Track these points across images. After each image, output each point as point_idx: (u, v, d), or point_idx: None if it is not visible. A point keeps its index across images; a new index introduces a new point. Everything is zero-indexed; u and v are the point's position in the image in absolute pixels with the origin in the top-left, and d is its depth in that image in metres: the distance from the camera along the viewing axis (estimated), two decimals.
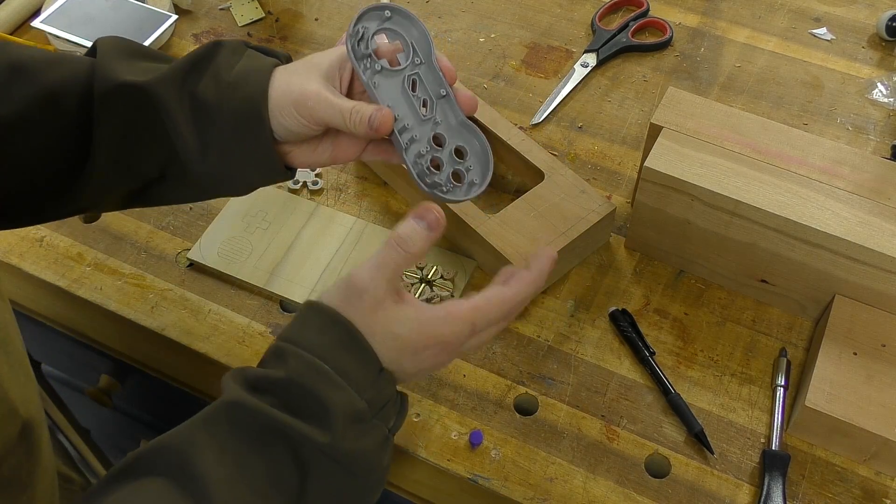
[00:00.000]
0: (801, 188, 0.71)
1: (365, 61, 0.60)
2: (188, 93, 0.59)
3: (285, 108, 0.58)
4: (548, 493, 0.67)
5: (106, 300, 0.79)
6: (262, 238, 0.81)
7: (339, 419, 0.50)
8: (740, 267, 0.76)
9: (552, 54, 0.98)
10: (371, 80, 0.60)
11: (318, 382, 0.51)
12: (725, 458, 0.68)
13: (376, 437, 0.53)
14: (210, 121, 0.59)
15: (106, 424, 1.14)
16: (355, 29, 0.60)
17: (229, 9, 1.04)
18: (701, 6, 1.03)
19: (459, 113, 0.61)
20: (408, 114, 0.61)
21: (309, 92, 0.58)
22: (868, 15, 1.01)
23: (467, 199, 0.61)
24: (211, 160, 0.60)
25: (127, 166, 0.61)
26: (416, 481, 0.74)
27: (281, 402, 0.51)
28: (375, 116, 0.57)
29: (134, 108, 0.59)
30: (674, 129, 0.75)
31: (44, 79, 0.59)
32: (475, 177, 0.62)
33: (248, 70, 0.60)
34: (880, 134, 0.89)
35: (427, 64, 0.61)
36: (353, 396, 0.51)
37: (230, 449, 0.49)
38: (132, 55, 0.62)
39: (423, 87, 0.61)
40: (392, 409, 0.54)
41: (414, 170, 0.61)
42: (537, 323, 0.76)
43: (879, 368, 0.68)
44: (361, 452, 0.51)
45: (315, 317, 0.54)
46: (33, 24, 0.97)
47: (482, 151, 0.62)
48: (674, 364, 0.74)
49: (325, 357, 0.51)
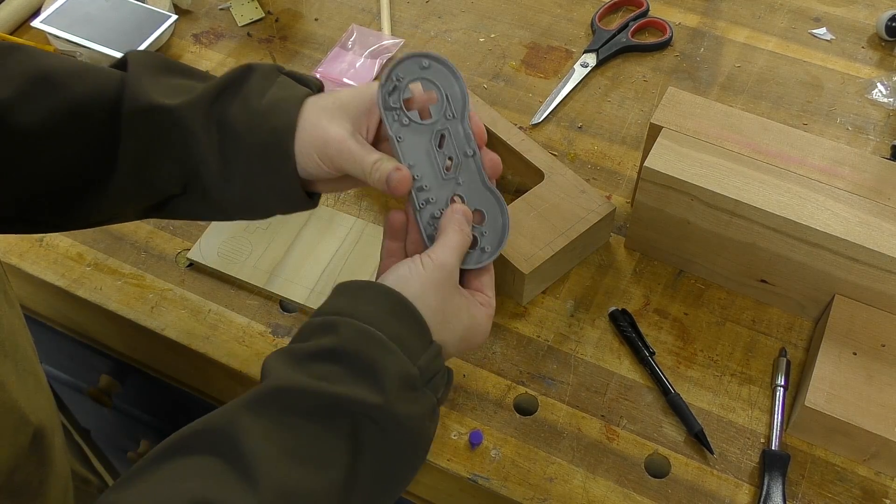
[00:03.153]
0: (801, 188, 0.71)
1: (394, 112, 0.58)
2: (216, 118, 0.59)
3: (308, 151, 0.58)
4: (548, 493, 0.67)
5: (106, 300, 0.79)
6: (262, 238, 0.81)
7: (394, 382, 0.50)
8: (740, 267, 0.76)
9: (552, 54, 0.98)
10: (397, 134, 0.58)
11: (371, 348, 0.51)
12: (725, 458, 0.68)
13: (426, 404, 0.53)
14: (236, 148, 0.59)
15: (106, 424, 1.14)
16: (389, 78, 0.57)
17: (229, 9, 1.04)
18: (701, 6, 1.03)
19: (483, 175, 0.59)
20: (429, 174, 0.59)
21: (333, 137, 0.57)
22: (868, 15, 1.01)
23: (476, 267, 0.59)
24: (233, 187, 0.60)
25: (148, 183, 0.61)
26: (415, 481, 0.74)
27: (333, 371, 0.51)
28: (393, 177, 0.57)
29: (161, 129, 0.59)
30: (674, 129, 0.75)
31: (71, 91, 0.58)
32: (488, 244, 0.59)
33: (278, 99, 0.58)
34: (880, 134, 0.89)
35: (459, 120, 0.59)
36: (406, 362, 0.51)
37: (280, 429, 0.49)
38: (163, 71, 0.61)
39: (450, 144, 0.59)
40: (441, 381, 0.55)
41: (425, 232, 0.59)
42: (537, 323, 0.76)
43: (879, 368, 0.68)
44: (414, 417, 0.51)
45: (365, 291, 0.54)
46: (33, 24, 0.97)
47: (500, 218, 0.60)
48: (674, 364, 0.74)
49: (379, 325, 0.52)
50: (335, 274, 0.79)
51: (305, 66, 0.97)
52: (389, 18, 1.02)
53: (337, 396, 0.49)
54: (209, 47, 1.00)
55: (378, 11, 1.03)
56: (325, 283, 0.78)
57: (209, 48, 1.00)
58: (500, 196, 0.59)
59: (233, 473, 0.46)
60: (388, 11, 1.03)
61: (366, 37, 0.99)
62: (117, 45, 0.95)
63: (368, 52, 0.98)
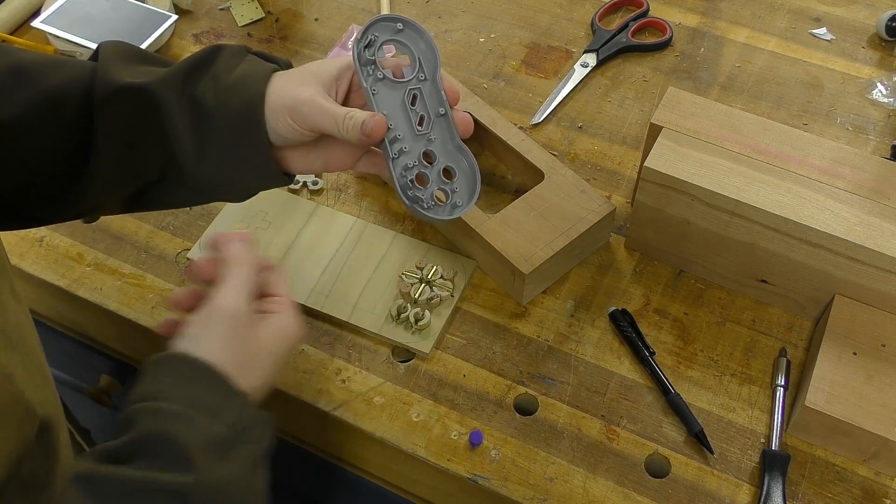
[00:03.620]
0: (801, 188, 0.71)
1: (368, 67, 0.60)
2: (188, 95, 0.60)
3: (279, 114, 0.58)
4: (548, 493, 0.67)
5: (106, 300, 0.79)
6: (262, 238, 0.81)
7: (199, 452, 0.48)
8: (740, 267, 0.76)
9: (552, 54, 0.98)
10: (371, 87, 0.60)
11: (167, 425, 0.49)
12: (725, 458, 0.68)
13: (247, 460, 0.50)
14: (208, 123, 0.59)
15: (106, 424, 1.14)
16: (364, 34, 0.59)
17: (229, 9, 1.04)
18: (701, 6, 1.03)
19: (455, 134, 0.61)
20: (402, 126, 0.61)
21: (303, 97, 0.58)
22: (868, 15, 1.01)
23: (449, 218, 0.61)
24: (208, 163, 0.60)
25: (127, 169, 0.61)
26: (416, 481, 0.74)
27: (140, 463, 0.48)
28: (369, 122, 0.57)
29: (134, 110, 0.59)
30: (674, 129, 0.75)
31: (45, 82, 0.59)
32: (459, 199, 0.62)
33: (246, 74, 0.60)
34: (880, 134, 0.89)
35: (431, 81, 0.61)
36: (208, 425, 0.49)
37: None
38: (133, 59, 0.62)
39: (422, 103, 0.61)
40: (259, 431, 0.52)
41: (398, 181, 0.61)
42: (537, 323, 0.76)
43: (879, 368, 0.68)
44: (234, 480, 0.49)
45: (151, 367, 0.53)
46: (33, 24, 0.97)
47: (471, 174, 0.62)
48: (674, 364, 0.74)
49: (169, 397, 0.50)
50: (335, 274, 0.79)
51: None
52: None
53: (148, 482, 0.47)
54: None
55: (378, 11, 1.03)
56: (325, 283, 0.78)
57: None
58: (471, 154, 0.61)
59: None
60: (388, 11, 1.03)
61: None
62: None
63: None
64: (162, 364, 0.53)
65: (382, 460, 0.74)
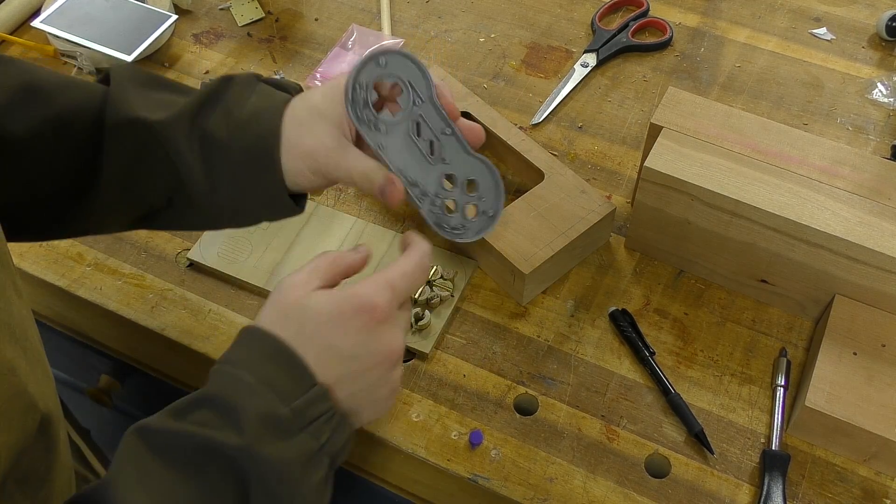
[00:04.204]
0: (801, 188, 0.71)
1: (369, 124, 0.59)
2: (199, 130, 0.59)
3: (299, 170, 0.59)
4: (548, 493, 0.67)
5: (106, 300, 0.79)
6: (262, 238, 0.81)
7: (252, 421, 0.49)
8: (740, 267, 0.76)
9: (552, 54, 0.98)
10: (378, 144, 0.60)
11: (233, 391, 0.50)
12: (725, 458, 0.68)
13: (301, 449, 0.50)
14: (220, 158, 0.59)
15: (106, 424, 1.14)
16: (354, 93, 0.58)
17: (229, 9, 1.04)
18: (701, 6, 1.03)
19: (467, 146, 0.61)
20: (415, 169, 0.61)
21: (319, 153, 0.58)
22: (868, 15, 1.01)
23: (487, 232, 0.62)
24: (219, 197, 0.60)
25: (132, 195, 0.61)
26: (416, 481, 0.74)
27: (201, 415, 0.50)
28: (387, 191, 0.58)
29: (142, 143, 0.59)
30: (674, 129, 0.75)
31: (57, 102, 0.59)
32: (488, 207, 0.62)
33: (259, 108, 0.59)
34: (880, 134, 0.89)
35: (428, 101, 0.60)
36: (272, 402, 0.49)
37: (155, 474, 0.48)
38: (145, 85, 0.62)
39: (426, 128, 0.61)
40: (325, 426, 0.51)
41: (432, 221, 0.61)
42: (537, 323, 0.76)
43: (879, 368, 0.68)
44: (283, 462, 0.49)
45: (245, 337, 0.53)
46: (33, 24, 0.97)
47: (492, 181, 0.61)
48: (674, 364, 0.74)
49: (250, 369, 0.51)
50: None
51: (305, 66, 0.97)
52: (389, 18, 1.02)
53: (198, 437, 0.48)
54: (209, 47, 1.00)
55: (378, 11, 1.03)
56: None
57: (209, 48, 1.00)
58: (487, 160, 0.61)
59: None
60: (388, 11, 1.03)
61: (366, 37, 0.99)
62: (117, 45, 0.95)
63: (369, 52, 0.98)
64: (251, 337, 0.53)
65: (382, 460, 0.74)
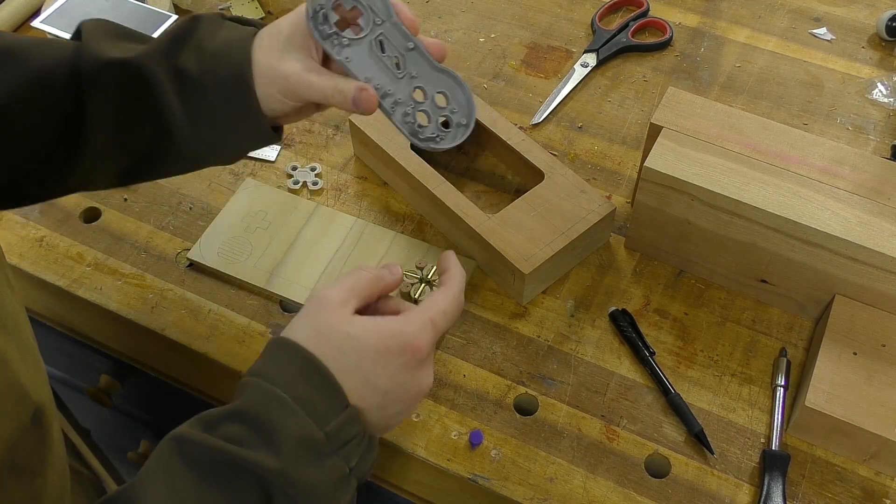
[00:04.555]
0: (801, 188, 0.71)
1: (332, 39, 0.60)
2: (172, 66, 0.61)
3: (270, 93, 0.60)
4: (548, 493, 0.67)
5: (106, 300, 0.79)
6: (262, 238, 0.81)
7: (290, 444, 0.48)
8: (740, 267, 0.76)
9: (552, 54, 0.98)
10: (343, 56, 0.61)
11: (271, 410, 0.49)
12: (725, 458, 0.68)
13: (334, 472, 0.50)
14: (196, 91, 0.61)
15: (106, 424, 1.14)
16: (314, 11, 0.60)
17: (229, 9, 1.04)
18: (701, 6, 1.03)
19: (432, 61, 0.62)
20: (384, 79, 0.62)
21: (289, 72, 0.59)
22: (868, 15, 1.01)
23: (462, 141, 0.63)
24: (201, 130, 0.62)
25: (119, 141, 0.62)
26: (416, 481, 0.74)
27: (236, 430, 0.49)
28: (359, 98, 0.59)
29: (122, 83, 0.60)
30: (674, 129, 0.75)
31: (32, 61, 0.60)
32: (461, 118, 0.63)
33: (229, 39, 0.61)
34: (880, 134, 0.89)
35: (388, 21, 0.61)
36: (310, 425, 0.49)
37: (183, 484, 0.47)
38: (116, 36, 0.63)
39: (390, 45, 0.62)
40: (356, 449, 0.52)
41: (406, 130, 0.62)
42: (537, 323, 0.76)
43: (879, 368, 0.68)
44: (316, 485, 0.49)
45: (279, 350, 0.53)
46: (33, 24, 0.97)
47: (462, 92, 0.63)
48: (674, 364, 0.74)
49: (285, 386, 0.50)
50: (335, 274, 0.79)
51: None
52: None
53: (234, 455, 0.48)
54: None
55: None
56: (325, 284, 0.78)
57: None
58: (454, 72, 0.62)
59: None
60: None
61: None
62: None
63: None
64: (286, 352, 0.52)
65: (382, 460, 0.74)
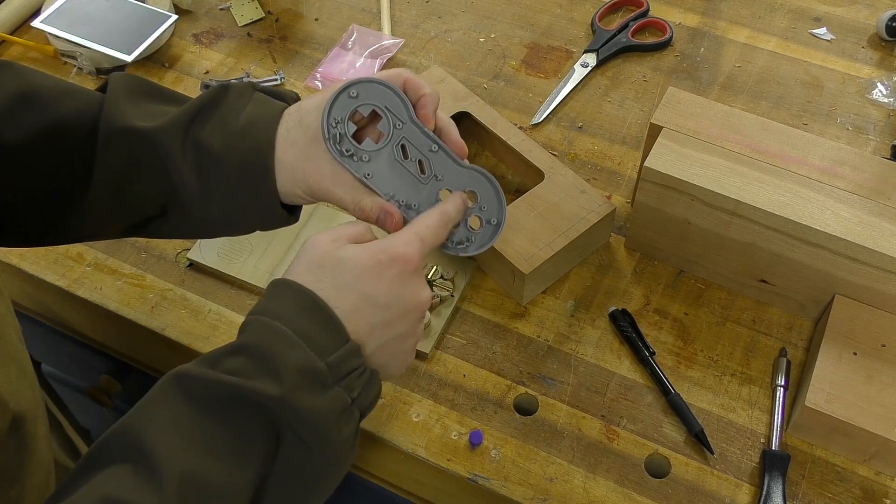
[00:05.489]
0: (801, 188, 0.71)
1: (352, 157, 0.59)
2: (193, 140, 0.59)
3: (292, 192, 0.60)
4: (548, 493, 0.67)
5: (106, 300, 0.79)
6: (262, 238, 0.81)
7: (292, 373, 0.49)
8: (740, 267, 0.76)
9: (552, 54, 0.98)
10: (364, 174, 0.59)
11: (272, 343, 0.50)
12: (725, 458, 0.68)
13: (336, 402, 0.51)
14: (214, 168, 0.59)
15: (106, 424, 1.13)
16: (330, 130, 0.58)
17: (229, 9, 1.04)
18: (701, 6, 1.03)
19: (457, 158, 0.60)
20: (408, 191, 0.60)
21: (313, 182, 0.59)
22: (868, 15, 1.01)
23: (493, 242, 0.61)
24: (213, 206, 0.60)
25: (124, 203, 0.62)
26: (416, 481, 0.74)
27: (238, 363, 0.50)
28: (383, 220, 0.58)
29: (136, 152, 0.60)
30: (674, 129, 0.75)
31: (54, 110, 0.59)
32: (492, 216, 0.61)
33: (254, 118, 0.59)
34: (880, 134, 0.89)
35: (409, 122, 0.59)
36: (311, 356, 0.50)
37: (188, 419, 0.48)
38: (142, 95, 0.62)
39: (412, 149, 0.60)
40: (357, 381, 0.52)
41: None
42: (537, 323, 0.76)
43: (879, 368, 0.68)
44: (319, 413, 0.50)
45: (278, 289, 0.54)
46: (33, 24, 0.97)
47: (490, 187, 0.60)
48: (674, 364, 0.74)
49: (286, 321, 0.51)
50: None
51: (305, 66, 0.97)
52: (389, 18, 1.02)
53: (236, 386, 0.49)
54: (209, 47, 1.00)
55: (378, 11, 1.03)
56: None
57: (209, 48, 1.00)
58: (482, 168, 0.60)
59: (139, 475, 0.46)
60: (388, 11, 1.03)
61: (366, 37, 0.99)
62: (117, 45, 0.95)
63: (368, 52, 0.98)
64: (287, 290, 0.53)
65: (382, 460, 0.74)
